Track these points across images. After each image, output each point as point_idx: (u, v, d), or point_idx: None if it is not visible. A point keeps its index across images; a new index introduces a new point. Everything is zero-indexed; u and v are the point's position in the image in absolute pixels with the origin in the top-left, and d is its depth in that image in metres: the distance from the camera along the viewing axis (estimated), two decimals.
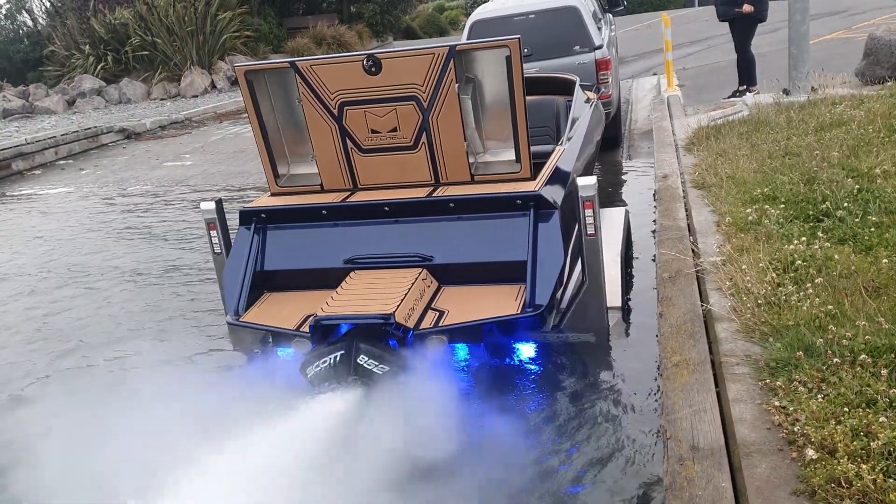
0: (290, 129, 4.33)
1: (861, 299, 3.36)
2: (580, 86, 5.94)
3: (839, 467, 2.34)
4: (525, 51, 4.57)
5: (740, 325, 3.46)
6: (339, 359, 3.35)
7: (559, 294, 3.69)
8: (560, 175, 4.03)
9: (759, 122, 7.14)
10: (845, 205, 4.47)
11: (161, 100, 20.35)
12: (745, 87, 9.14)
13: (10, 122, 18.07)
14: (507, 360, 3.94)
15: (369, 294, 3.62)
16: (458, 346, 3.86)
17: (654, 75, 13.23)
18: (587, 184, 3.63)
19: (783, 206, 4.72)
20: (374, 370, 3.32)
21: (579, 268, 3.80)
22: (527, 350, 3.94)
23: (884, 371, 2.78)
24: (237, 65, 4.13)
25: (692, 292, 4.06)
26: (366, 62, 3.84)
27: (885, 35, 8.32)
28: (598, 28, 8.48)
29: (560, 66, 7.71)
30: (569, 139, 4.71)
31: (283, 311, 3.85)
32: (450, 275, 3.83)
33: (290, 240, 4.10)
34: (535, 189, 3.76)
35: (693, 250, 4.50)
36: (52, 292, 6.13)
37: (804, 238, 4.12)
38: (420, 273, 3.75)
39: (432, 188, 4.05)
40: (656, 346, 3.88)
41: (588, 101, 5.98)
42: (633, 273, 5.02)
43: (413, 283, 3.64)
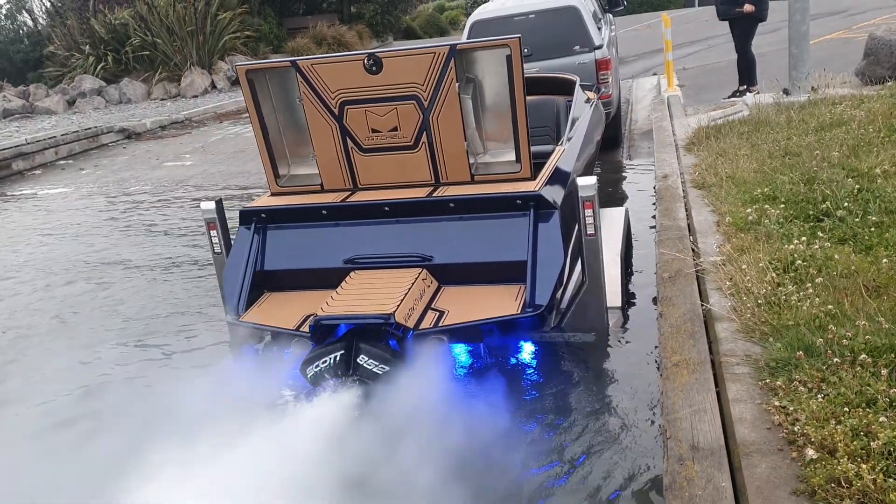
0: (290, 128, 4.33)
1: (861, 299, 3.36)
2: (580, 86, 5.94)
3: (839, 467, 2.34)
4: (525, 51, 4.57)
5: (740, 325, 3.46)
6: (339, 359, 3.35)
7: (559, 294, 3.69)
8: (560, 175, 4.02)
9: (760, 122, 7.14)
10: (845, 205, 4.47)
11: (161, 100, 20.36)
12: (745, 86, 9.14)
13: (11, 122, 18.09)
14: (506, 360, 3.94)
15: (369, 294, 3.62)
16: (458, 346, 3.86)
17: (654, 75, 13.23)
18: (587, 184, 3.63)
19: (783, 205, 4.72)
20: (374, 370, 3.33)
21: (579, 268, 3.80)
22: (527, 350, 3.94)
23: (884, 371, 2.78)
24: (238, 64, 4.13)
25: (692, 292, 4.06)
26: (366, 61, 3.84)
27: (886, 35, 8.32)
28: (598, 28, 8.48)
29: (560, 66, 7.72)
30: (569, 139, 4.71)
31: (284, 310, 3.85)
32: (450, 275, 3.83)
33: (291, 239, 4.10)
34: (536, 189, 3.76)
35: (693, 250, 4.50)
36: (64, 287, 6.22)
37: (804, 238, 4.12)
38: (420, 273, 3.75)
39: (432, 188, 4.05)
40: (656, 345, 3.88)
41: (588, 101, 5.98)
42: (633, 273, 5.02)
43: (413, 283, 3.64)
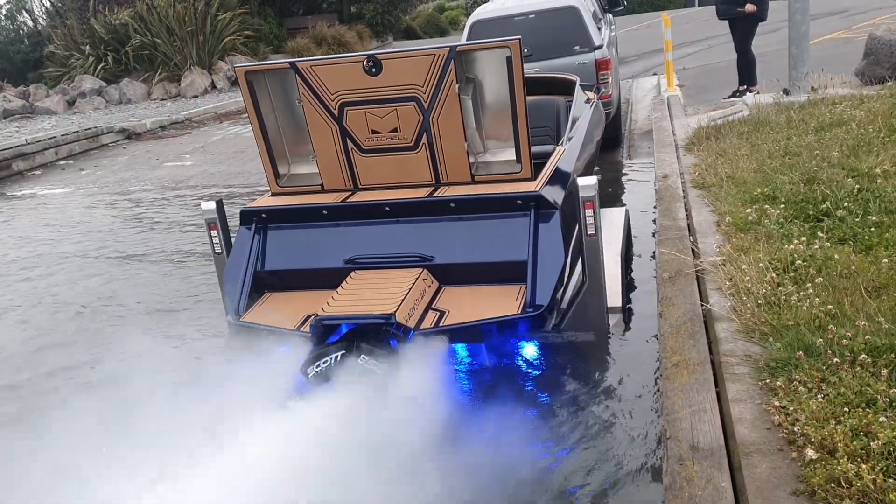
0: (290, 129, 4.33)
1: (861, 299, 3.36)
2: (580, 86, 5.94)
3: (839, 467, 2.34)
4: (525, 51, 4.58)
5: (740, 325, 3.46)
6: (339, 359, 3.35)
7: (559, 294, 3.69)
8: (560, 175, 4.03)
9: (759, 122, 7.14)
10: (845, 204, 4.47)
11: (161, 100, 20.35)
12: (745, 87, 9.14)
13: (11, 123, 18.07)
14: (507, 360, 3.94)
15: (370, 294, 3.62)
16: (459, 346, 3.87)
17: (654, 75, 13.23)
18: (587, 184, 3.63)
19: (783, 205, 4.72)
20: (375, 370, 3.33)
21: (580, 268, 3.80)
22: (527, 350, 3.94)
23: (884, 371, 2.78)
24: (238, 65, 4.13)
25: (692, 292, 4.06)
26: (366, 63, 3.84)
27: (885, 35, 8.33)
28: (598, 28, 8.48)
29: (560, 67, 7.72)
30: (569, 139, 4.71)
31: (284, 311, 3.85)
32: (450, 275, 3.83)
33: (291, 240, 4.11)
34: (536, 189, 3.76)
35: (693, 250, 4.50)
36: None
37: (804, 238, 4.12)
38: (421, 273, 3.76)
39: (433, 188, 4.05)
40: (656, 345, 3.88)
41: (588, 101, 5.98)
42: (634, 273, 5.02)
43: (414, 284, 3.64)
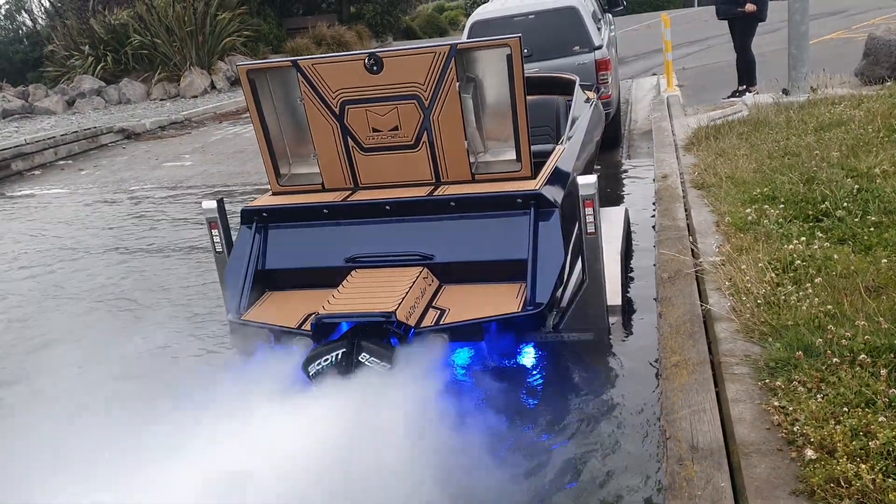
0: (291, 128, 4.33)
1: (860, 299, 3.37)
2: (580, 86, 5.95)
3: (838, 467, 2.35)
4: (525, 51, 4.58)
5: (740, 325, 3.46)
6: (340, 357, 3.36)
7: (559, 293, 3.70)
8: (560, 174, 4.03)
9: (759, 123, 7.15)
10: (845, 205, 4.48)
11: (161, 100, 20.33)
12: (744, 87, 9.15)
13: (10, 123, 18.04)
14: (506, 359, 3.94)
15: (371, 292, 3.62)
16: (459, 345, 3.87)
17: (654, 75, 13.24)
18: (587, 182, 3.64)
19: (782, 205, 4.73)
20: (376, 368, 3.33)
21: (579, 267, 3.80)
22: (527, 348, 3.95)
23: (883, 371, 2.78)
24: (240, 64, 4.14)
25: (692, 292, 4.06)
26: (367, 61, 3.84)
27: (885, 35, 8.34)
28: (598, 28, 8.49)
29: (560, 67, 7.72)
30: (569, 138, 4.71)
31: (285, 309, 3.86)
32: (451, 273, 3.83)
33: (292, 238, 4.11)
34: (536, 188, 3.77)
35: (692, 250, 4.50)
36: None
37: (803, 238, 4.13)
38: (421, 272, 3.76)
39: (433, 187, 4.06)
40: (656, 345, 3.89)
41: (588, 100, 5.99)
42: (633, 272, 5.03)
43: (414, 282, 3.65)
